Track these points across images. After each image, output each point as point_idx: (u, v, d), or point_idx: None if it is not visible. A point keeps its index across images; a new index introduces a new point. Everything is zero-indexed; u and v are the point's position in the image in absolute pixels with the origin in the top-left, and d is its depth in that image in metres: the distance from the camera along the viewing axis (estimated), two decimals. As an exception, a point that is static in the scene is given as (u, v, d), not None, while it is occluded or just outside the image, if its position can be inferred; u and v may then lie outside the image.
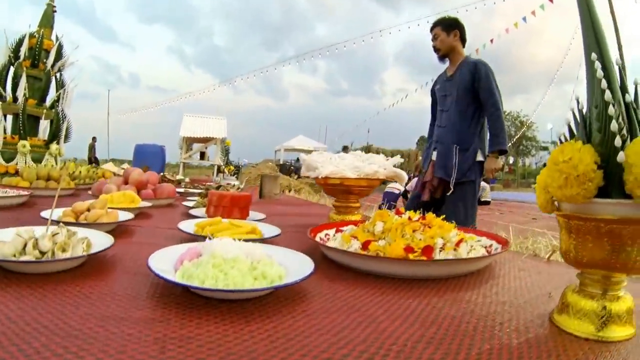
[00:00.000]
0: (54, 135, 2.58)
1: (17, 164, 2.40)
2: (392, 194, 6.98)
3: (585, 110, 0.47)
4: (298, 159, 21.35)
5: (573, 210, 0.45)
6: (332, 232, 0.90)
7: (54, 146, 2.57)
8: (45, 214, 0.85)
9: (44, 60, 2.54)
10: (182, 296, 0.50)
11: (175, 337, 0.39)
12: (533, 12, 11.06)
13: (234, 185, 2.37)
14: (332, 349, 0.39)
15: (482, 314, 0.51)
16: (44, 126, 2.57)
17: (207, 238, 0.59)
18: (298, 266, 0.56)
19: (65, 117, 2.66)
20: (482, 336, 0.44)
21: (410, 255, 0.67)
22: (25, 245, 0.58)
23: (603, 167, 0.42)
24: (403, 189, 6.53)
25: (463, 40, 2.54)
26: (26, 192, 1.40)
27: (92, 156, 16.18)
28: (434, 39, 2.55)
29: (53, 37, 2.64)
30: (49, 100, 2.58)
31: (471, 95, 2.40)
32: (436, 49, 2.55)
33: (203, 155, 6.71)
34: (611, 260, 0.42)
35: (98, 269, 0.62)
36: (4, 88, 2.45)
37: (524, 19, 11.41)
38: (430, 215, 0.83)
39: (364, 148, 20.07)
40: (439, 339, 0.43)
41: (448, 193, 2.37)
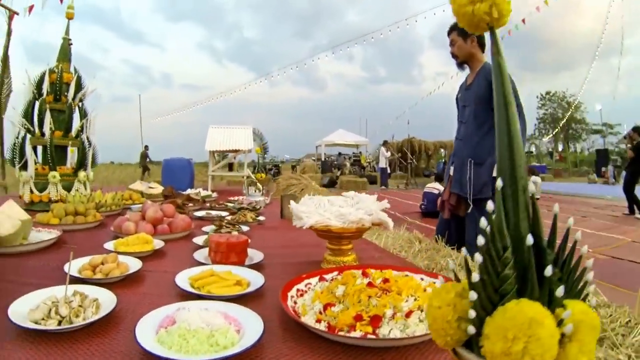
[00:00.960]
0: (81, 163, 2.92)
1: (49, 193, 2.74)
2: (431, 194, 7.09)
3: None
4: (340, 153, 21.68)
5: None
6: (315, 280, 1.07)
7: (82, 173, 2.90)
8: (70, 268, 1.10)
9: (65, 93, 2.88)
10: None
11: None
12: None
13: (256, 206, 2.61)
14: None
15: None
16: (72, 155, 2.90)
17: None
18: (254, 329, 0.76)
19: (90, 144, 2.99)
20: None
21: (358, 324, 0.78)
22: (50, 310, 0.81)
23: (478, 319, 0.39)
24: (443, 188, 6.60)
25: (482, 45, 2.53)
26: (56, 233, 1.68)
27: (144, 164, 17.42)
28: (451, 44, 2.58)
29: (72, 70, 2.96)
30: (74, 130, 2.91)
31: (489, 104, 2.38)
32: (454, 56, 2.59)
33: (232, 167, 7.06)
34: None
35: (105, 326, 0.84)
36: (31, 123, 2.79)
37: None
38: (395, 277, 0.96)
39: (406, 141, 20.03)
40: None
41: (468, 210, 2.41)
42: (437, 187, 6.89)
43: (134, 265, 1.21)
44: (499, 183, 0.41)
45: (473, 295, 0.39)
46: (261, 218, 2.35)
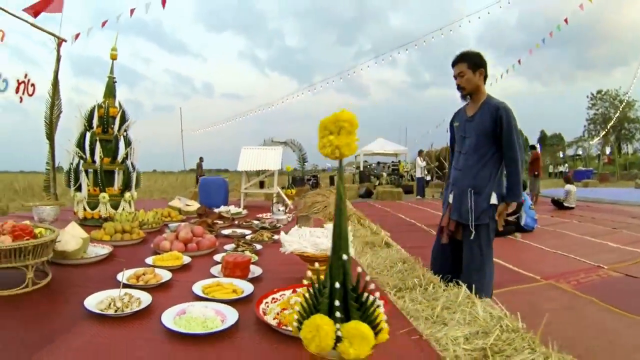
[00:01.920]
0: (126, 185, 3.57)
1: (99, 211, 3.40)
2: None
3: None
4: (379, 162, 22.11)
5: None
6: (289, 292, 1.56)
7: (127, 194, 3.55)
8: (123, 277, 1.65)
9: (112, 125, 3.55)
10: (174, 335, 1.23)
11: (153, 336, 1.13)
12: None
13: (277, 225, 3.13)
14: None
15: None
16: (118, 178, 3.55)
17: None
18: (232, 320, 1.27)
19: (134, 168, 3.64)
20: None
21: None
22: (110, 303, 1.36)
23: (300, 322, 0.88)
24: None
25: (486, 77, 2.74)
26: (108, 249, 2.28)
27: (200, 174, 19.84)
28: (459, 76, 2.72)
29: (116, 104, 3.63)
30: (119, 157, 3.56)
31: (491, 140, 2.62)
32: (460, 88, 2.75)
33: (262, 185, 7.83)
34: None
35: (143, 316, 1.38)
36: (83, 151, 3.47)
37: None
38: None
39: (443, 150, 20.12)
40: None
41: (471, 237, 2.62)
42: None
43: (166, 276, 1.76)
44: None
45: (297, 308, 0.90)
46: (276, 237, 2.86)
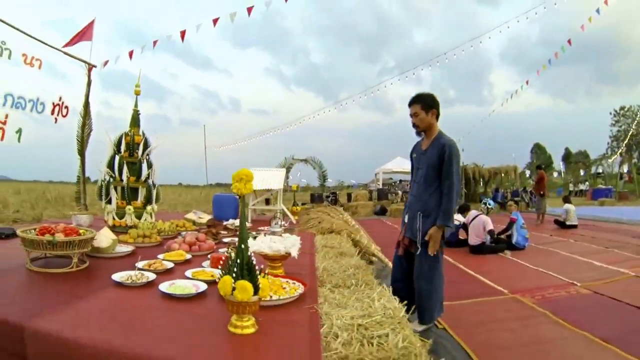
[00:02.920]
0: (148, 200, 4.52)
1: (126, 220, 4.36)
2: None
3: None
4: (400, 180, 22.75)
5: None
6: None
7: (149, 207, 4.50)
8: (138, 264, 2.53)
9: (137, 150, 4.53)
10: (165, 296, 2.09)
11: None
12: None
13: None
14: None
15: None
16: (141, 194, 4.51)
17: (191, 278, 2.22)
18: (202, 288, 2.14)
19: (155, 186, 4.60)
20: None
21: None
22: (128, 277, 2.26)
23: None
24: (463, 221, 7.45)
25: (438, 116, 3.30)
26: (131, 247, 3.20)
27: None
28: (414, 115, 3.30)
29: (140, 133, 4.61)
30: (143, 176, 4.52)
31: (438, 172, 3.20)
32: (415, 125, 3.34)
33: (268, 202, 8.83)
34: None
35: (149, 286, 2.25)
36: (113, 171, 4.45)
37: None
38: (277, 280, 2.31)
39: (462, 168, 20.41)
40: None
41: (417, 252, 3.26)
42: (458, 218, 7.49)
43: (169, 266, 2.65)
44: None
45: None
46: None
